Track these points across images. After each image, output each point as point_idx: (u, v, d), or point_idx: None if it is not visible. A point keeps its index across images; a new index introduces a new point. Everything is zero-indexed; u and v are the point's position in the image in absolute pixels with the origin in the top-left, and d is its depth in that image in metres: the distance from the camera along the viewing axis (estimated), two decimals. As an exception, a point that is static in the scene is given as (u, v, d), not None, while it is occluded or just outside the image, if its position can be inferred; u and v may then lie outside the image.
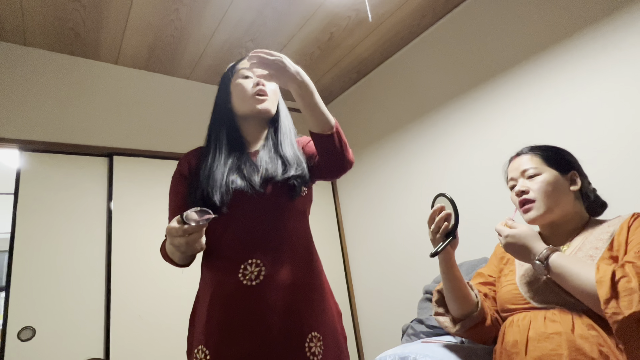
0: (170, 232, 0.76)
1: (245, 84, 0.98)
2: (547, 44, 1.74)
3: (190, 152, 1.03)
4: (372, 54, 2.48)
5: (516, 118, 1.83)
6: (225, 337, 0.83)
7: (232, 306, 0.85)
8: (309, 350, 0.84)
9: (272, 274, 0.87)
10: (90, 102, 2.08)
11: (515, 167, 1.05)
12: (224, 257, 0.89)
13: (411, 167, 2.36)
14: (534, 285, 0.93)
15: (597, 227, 0.95)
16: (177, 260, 0.91)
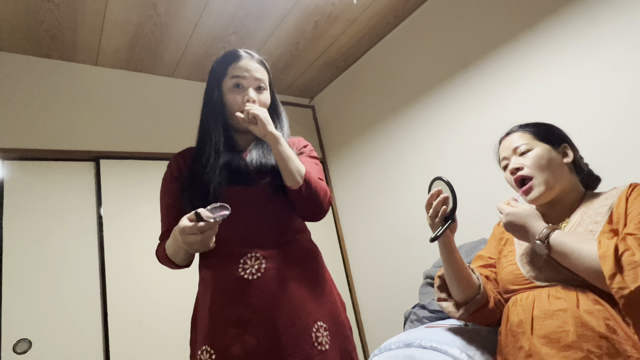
0: (184, 230, 0.75)
1: (234, 98, 0.95)
2: (532, 22, 1.72)
3: (180, 153, 1.02)
4: (358, 41, 2.45)
5: (507, 98, 1.82)
6: (230, 334, 0.82)
7: (235, 301, 0.84)
8: (316, 340, 0.85)
9: (273, 266, 0.87)
10: (72, 105, 2.02)
11: (507, 146, 1.04)
12: (223, 253, 0.88)
13: (404, 152, 2.34)
14: (535, 264, 0.92)
15: (594, 201, 0.94)
16: (179, 261, 0.90)
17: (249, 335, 0.82)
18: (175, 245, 0.85)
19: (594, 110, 1.52)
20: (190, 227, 0.75)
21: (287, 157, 0.89)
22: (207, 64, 2.35)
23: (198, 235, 0.76)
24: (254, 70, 0.98)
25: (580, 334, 0.76)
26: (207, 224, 0.76)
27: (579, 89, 1.57)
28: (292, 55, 2.45)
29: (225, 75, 0.97)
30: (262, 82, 0.99)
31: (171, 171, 0.98)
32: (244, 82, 0.96)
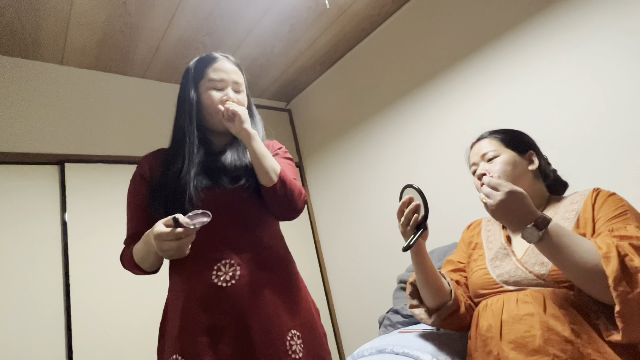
0: (159, 236, 0.74)
1: (214, 97, 0.96)
2: (502, 31, 1.77)
3: (152, 154, 0.99)
4: (334, 46, 2.45)
5: (480, 103, 1.86)
6: (202, 342, 0.79)
7: (208, 309, 0.82)
8: (290, 348, 0.84)
9: (247, 273, 0.86)
10: (35, 106, 1.92)
11: (476, 152, 1.07)
12: (196, 258, 0.85)
13: (380, 156, 2.36)
14: (504, 268, 0.94)
15: (559, 205, 0.97)
16: (148, 266, 0.87)
17: (222, 344, 0.80)
18: (146, 250, 0.83)
19: (561, 116, 1.58)
20: (167, 232, 0.73)
21: (261, 155, 0.91)
22: (179, 66, 2.29)
23: (174, 241, 0.74)
24: (232, 72, 1.00)
25: (546, 338, 0.78)
26: (185, 231, 0.74)
27: (547, 95, 1.63)
28: (268, 59, 2.43)
29: (203, 77, 0.97)
30: (239, 84, 1.01)
31: (141, 172, 0.94)
32: (222, 84, 0.97)
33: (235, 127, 0.92)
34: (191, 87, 0.97)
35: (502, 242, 1.00)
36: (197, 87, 0.97)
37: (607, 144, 1.45)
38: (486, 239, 1.07)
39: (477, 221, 1.18)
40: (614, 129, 1.44)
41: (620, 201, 0.87)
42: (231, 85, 0.98)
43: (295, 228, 2.71)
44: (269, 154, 0.93)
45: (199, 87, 0.97)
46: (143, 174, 0.94)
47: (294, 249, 2.96)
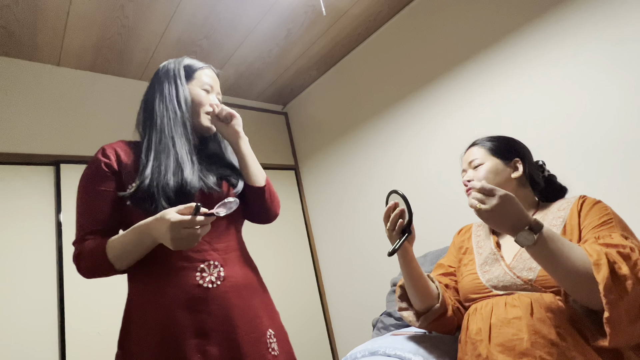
0: (180, 224, 0.72)
1: (204, 97, 0.98)
2: (498, 38, 1.80)
3: (115, 145, 0.93)
4: (331, 50, 2.48)
5: (474, 109, 1.89)
6: (189, 345, 0.78)
7: (195, 311, 0.81)
8: (270, 346, 0.87)
9: (231, 275, 0.87)
10: (32, 107, 1.92)
11: (466, 159, 1.12)
12: (178, 259, 0.83)
13: (376, 160, 2.38)
14: (493, 273, 0.96)
15: (547, 212, 0.98)
16: (126, 264, 0.82)
17: (211, 346, 0.79)
18: (137, 242, 0.79)
19: (552, 122, 1.61)
20: (189, 220, 0.72)
21: (252, 157, 0.96)
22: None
23: (195, 229, 0.73)
24: (217, 83, 1.06)
25: (533, 341, 0.80)
26: (206, 219, 0.74)
27: (539, 102, 1.66)
28: (264, 62, 2.44)
29: (194, 79, 0.99)
30: (220, 95, 1.06)
31: (107, 162, 0.87)
32: (210, 89, 1.01)
33: (230, 128, 0.97)
34: (180, 84, 0.96)
35: (492, 248, 1.02)
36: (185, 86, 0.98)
37: (596, 151, 1.48)
38: (476, 244, 1.09)
39: (468, 226, 1.20)
40: (603, 136, 1.47)
41: (605, 209, 0.90)
42: (215, 94, 1.03)
43: (290, 230, 2.73)
44: (256, 158, 0.99)
45: (188, 85, 0.99)
46: (109, 163, 0.87)
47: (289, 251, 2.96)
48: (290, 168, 2.95)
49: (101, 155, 0.89)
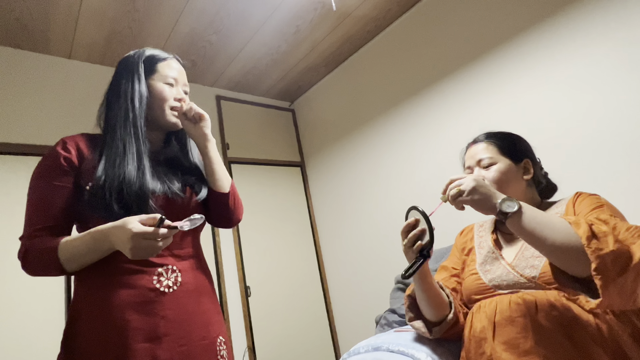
0: (141, 235, 0.69)
1: (168, 91, 0.92)
2: (505, 38, 1.79)
3: (77, 138, 0.87)
4: (339, 47, 2.47)
5: (482, 108, 1.88)
6: (139, 349, 0.75)
7: (149, 314, 0.78)
8: (219, 352, 0.86)
9: (189, 281, 0.86)
10: (42, 99, 1.95)
11: (472, 155, 1.07)
12: (135, 262, 0.80)
13: (382, 159, 2.38)
14: (495, 273, 0.95)
15: (547, 210, 0.99)
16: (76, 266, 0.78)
17: (161, 350, 0.77)
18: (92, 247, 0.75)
19: (562, 122, 1.60)
20: (151, 232, 0.70)
21: (218, 161, 0.92)
22: (185, 63, 2.32)
23: (156, 241, 0.71)
24: (183, 74, 0.99)
25: (537, 339, 0.79)
26: (169, 232, 0.72)
27: (549, 102, 1.65)
28: (273, 59, 2.45)
29: (156, 72, 0.93)
30: (187, 87, 0.99)
31: (66, 155, 0.82)
32: (174, 81, 0.95)
33: (198, 130, 0.91)
34: (138, 78, 0.90)
35: (490, 246, 1.02)
36: (146, 80, 0.92)
37: (607, 151, 1.47)
38: (478, 244, 1.08)
39: (470, 227, 1.19)
40: (615, 135, 1.45)
41: (598, 198, 0.91)
42: (181, 86, 0.96)
43: (295, 227, 2.73)
44: (222, 162, 0.95)
45: (149, 80, 0.92)
46: (69, 157, 0.82)
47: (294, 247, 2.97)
48: (296, 165, 2.95)
49: (61, 149, 0.82)
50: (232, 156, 2.59)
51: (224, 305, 2.22)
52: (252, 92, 2.85)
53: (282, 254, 2.59)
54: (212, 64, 2.39)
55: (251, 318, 2.30)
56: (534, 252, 0.92)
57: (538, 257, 0.90)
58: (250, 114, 2.83)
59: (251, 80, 2.66)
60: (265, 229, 2.59)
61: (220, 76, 2.54)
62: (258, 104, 2.90)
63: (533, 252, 0.92)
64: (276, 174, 2.80)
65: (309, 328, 2.53)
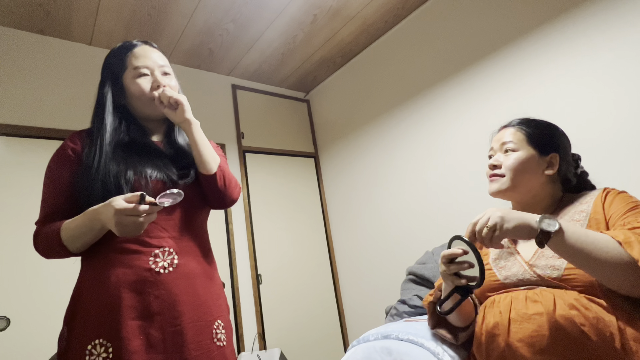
0: (122, 211, 0.73)
1: (142, 85, 0.92)
2: (528, 29, 1.75)
3: (84, 132, 0.93)
4: (357, 37, 2.45)
5: (500, 102, 1.85)
6: (131, 326, 0.77)
7: (142, 292, 0.80)
8: (215, 336, 0.87)
9: (184, 263, 0.87)
10: (64, 84, 1.99)
11: (498, 138, 1.03)
12: (133, 242, 0.84)
13: (396, 151, 2.36)
14: (511, 270, 0.91)
15: (569, 207, 0.94)
16: (78, 247, 0.82)
17: (153, 329, 0.79)
18: (88, 226, 0.79)
19: (583, 117, 1.56)
20: (131, 208, 0.73)
21: (202, 144, 0.91)
22: (202, 51, 2.34)
23: (138, 217, 0.74)
24: (155, 56, 0.96)
25: (555, 339, 0.76)
26: (150, 208, 0.74)
27: (568, 97, 1.60)
28: (289, 48, 2.45)
29: (126, 68, 0.93)
30: (165, 67, 0.97)
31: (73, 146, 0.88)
32: (147, 69, 0.93)
33: (178, 116, 0.91)
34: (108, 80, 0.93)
35: (505, 241, 0.97)
36: (119, 79, 0.93)
37: (632, 146, 1.42)
38: None
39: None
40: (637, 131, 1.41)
41: (630, 197, 0.86)
42: (157, 69, 0.94)
43: (307, 217, 2.75)
44: (209, 143, 0.94)
45: (124, 79, 0.93)
46: (75, 148, 0.88)
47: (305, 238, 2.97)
48: (310, 156, 2.96)
49: (69, 141, 0.90)
50: (247, 145, 2.61)
51: (235, 292, 2.25)
52: (267, 82, 2.85)
53: (294, 244, 2.61)
54: (229, 53, 2.40)
55: (262, 305, 2.33)
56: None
57: (560, 258, 0.85)
58: (266, 104, 2.84)
59: (267, 69, 2.67)
60: (278, 218, 2.60)
61: (236, 65, 2.55)
62: (273, 94, 2.90)
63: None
64: (290, 164, 2.81)
65: (318, 317, 2.55)
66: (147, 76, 0.93)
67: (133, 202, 0.74)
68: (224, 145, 2.50)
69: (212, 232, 1.03)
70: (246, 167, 2.57)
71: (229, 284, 2.25)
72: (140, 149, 0.91)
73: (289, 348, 2.31)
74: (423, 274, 1.45)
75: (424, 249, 2.00)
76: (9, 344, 1.57)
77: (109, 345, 0.76)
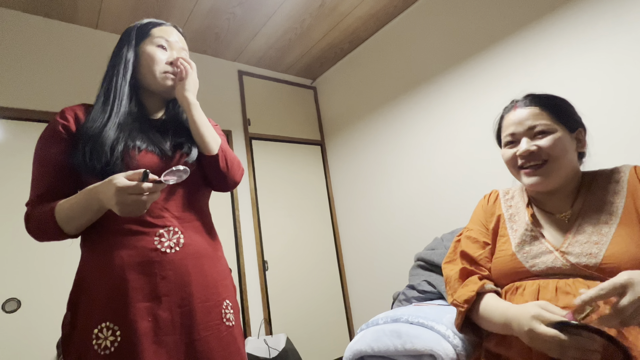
0: (125, 189, 0.69)
1: (158, 55, 0.90)
2: (543, 11, 1.70)
3: (76, 107, 0.89)
4: (365, 23, 2.41)
5: (508, 90, 1.81)
6: (139, 308, 0.75)
7: (148, 274, 0.78)
8: (224, 316, 0.85)
9: (190, 242, 0.85)
10: (69, 68, 1.98)
11: (518, 121, 0.89)
12: (136, 222, 0.81)
13: (403, 140, 2.34)
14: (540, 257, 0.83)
15: (593, 185, 0.88)
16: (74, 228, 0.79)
17: (162, 310, 0.77)
18: (85, 205, 0.76)
19: (593, 101, 1.53)
20: (133, 186, 0.69)
21: (203, 123, 0.89)
22: (209, 36, 2.31)
23: (141, 196, 0.70)
24: (180, 39, 0.95)
25: None
26: (153, 186, 0.71)
27: (577, 82, 1.57)
28: (297, 33, 2.41)
29: (148, 36, 0.91)
30: (184, 50, 0.95)
31: (64, 123, 0.84)
32: (167, 44, 0.92)
33: (180, 89, 0.89)
34: (131, 44, 0.91)
35: (528, 222, 0.89)
36: (138, 45, 0.91)
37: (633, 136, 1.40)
38: (508, 216, 0.95)
39: (494, 193, 1.04)
40: None
41: None
42: (177, 50, 0.93)
43: (313, 204, 2.74)
44: (209, 124, 0.92)
45: (141, 46, 0.91)
46: (66, 125, 0.83)
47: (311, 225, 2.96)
48: (317, 143, 2.94)
49: (59, 117, 0.85)
50: (253, 132, 2.60)
51: (242, 277, 2.26)
52: (274, 69, 2.82)
53: (300, 231, 2.61)
54: (235, 38, 2.38)
55: (268, 291, 2.35)
56: (590, 237, 0.80)
57: (597, 244, 0.78)
58: (272, 91, 2.82)
59: (274, 55, 2.64)
60: (284, 205, 2.60)
61: (243, 51, 2.53)
62: (280, 81, 2.88)
63: (589, 236, 0.80)
64: (296, 151, 2.80)
65: (323, 303, 2.56)
66: (164, 50, 0.91)
67: (135, 180, 0.70)
68: (230, 132, 2.49)
69: (218, 218, 1.01)
70: (252, 154, 2.56)
71: (235, 270, 2.26)
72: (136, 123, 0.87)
73: (294, 333, 2.33)
74: (432, 259, 1.45)
75: (431, 236, 1.99)
76: (20, 325, 1.59)
77: (117, 329, 0.74)
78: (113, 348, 0.73)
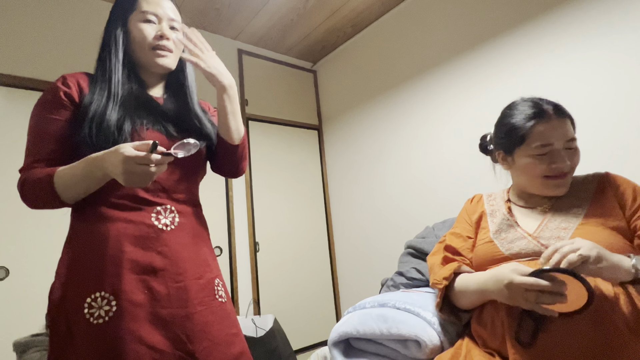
0: (132, 159, 0.68)
1: (146, 30, 0.87)
2: (549, 4, 1.68)
3: (79, 75, 0.87)
4: (369, 7, 2.37)
5: (509, 82, 1.80)
6: (133, 280, 0.76)
7: (145, 248, 0.78)
8: (217, 293, 0.87)
9: (186, 222, 0.86)
10: (69, 37, 1.93)
11: (561, 133, 0.89)
12: (134, 198, 0.81)
13: (400, 127, 2.33)
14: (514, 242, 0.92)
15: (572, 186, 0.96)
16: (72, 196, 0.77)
17: (157, 283, 0.78)
18: (86, 173, 0.74)
19: (595, 97, 1.53)
20: (143, 157, 0.68)
21: (233, 111, 0.89)
22: (209, 11, 2.26)
23: (149, 167, 0.70)
24: (168, 8, 0.91)
25: None
26: (163, 158, 0.70)
27: (574, 78, 1.57)
28: (298, 14, 2.37)
29: (134, 10, 0.88)
30: (175, 21, 0.92)
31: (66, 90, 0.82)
32: (155, 18, 0.88)
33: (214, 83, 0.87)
34: (119, 19, 0.88)
35: (505, 214, 0.99)
36: (126, 21, 0.88)
37: None
38: (490, 212, 1.05)
39: (478, 195, 1.15)
40: None
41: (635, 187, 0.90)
42: (166, 21, 0.89)
43: (307, 189, 2.74)
44: (239, 113, 0.91)
45: (129, 21, 0.88)
46: (69, 93, 0.81)
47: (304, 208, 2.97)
48: (314, 128, 2.92)
49: (61, 84, 0.82)
50: (250, 113, 2.57)
51: (232, 258, 2.27)
52: (274, 49, 2.78)
53: (293, 214, 2.61)
54: (237, 14, 2.32)
55: (258, 272, 2.36)
56: (560, 224, 0.89)
57: (564, 229, 0.87)
58: (272, 72, 2.78)
59: (275, 35, 2.59)
60: (278, 188, 2.60)
61: (243, 29, 2.48)
62: (280, 62, 2.83)
63: (558, 223, 0.89)
64: (293, 135, 2.78)
65: (312, 286, 2.59)
66: (152, 24, 0.88)
67: (143, 150, 0.69)
68: (228, 111, 2.46)
69: (211, 198, 1.02)
70: (249, 135, 2.54)
71: (226, 250, 2.27)
72: (139, 101, 0.86)
73: (282, 314, 2.36)
74: (422, 247, 1.46)
75: (422, 225, 2.00)
76: (8, 293, 1.59)
77: (112, 299, 0.73)
78: (107, 317, 0.73)
